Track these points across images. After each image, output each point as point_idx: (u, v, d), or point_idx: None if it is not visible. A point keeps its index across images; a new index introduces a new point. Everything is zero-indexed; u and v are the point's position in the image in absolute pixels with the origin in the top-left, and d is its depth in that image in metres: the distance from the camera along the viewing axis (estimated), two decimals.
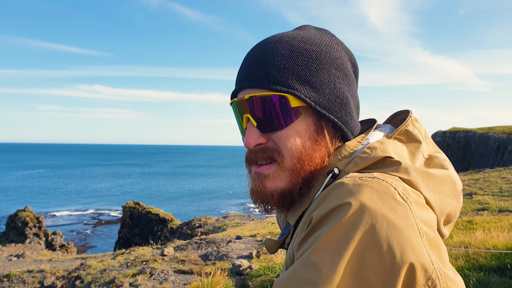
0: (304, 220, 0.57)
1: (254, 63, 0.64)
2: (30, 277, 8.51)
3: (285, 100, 0.61)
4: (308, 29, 0.71)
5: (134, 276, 6.58)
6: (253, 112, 0.63)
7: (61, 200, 48.54)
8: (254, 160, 0.65)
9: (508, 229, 5.87)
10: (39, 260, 10.68)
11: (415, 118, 0.67)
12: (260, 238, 9.28)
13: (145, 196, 50.42)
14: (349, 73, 0.67)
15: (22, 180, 69.06)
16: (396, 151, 0.61)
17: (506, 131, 27.75)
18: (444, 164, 0.65)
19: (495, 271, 4.17)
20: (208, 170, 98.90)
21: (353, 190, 0.51)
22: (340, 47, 0.68)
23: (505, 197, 10.85)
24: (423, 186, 0.58)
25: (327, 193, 0.55)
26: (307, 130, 0.63)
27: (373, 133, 0.66)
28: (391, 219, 0.48)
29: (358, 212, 0.48)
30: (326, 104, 0.63)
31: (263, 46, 0.65)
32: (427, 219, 0.53)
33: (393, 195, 0.51)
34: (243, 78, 0.65)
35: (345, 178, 0.55)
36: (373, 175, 0.54)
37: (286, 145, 0.62)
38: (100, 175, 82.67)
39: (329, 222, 0.50)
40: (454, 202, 0.62)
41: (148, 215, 25.18)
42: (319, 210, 0.52)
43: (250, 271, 5.85)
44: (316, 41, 0.65)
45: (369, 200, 0.49)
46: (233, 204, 46.73)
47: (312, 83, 0.62)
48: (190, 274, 6.51)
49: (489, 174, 17.26)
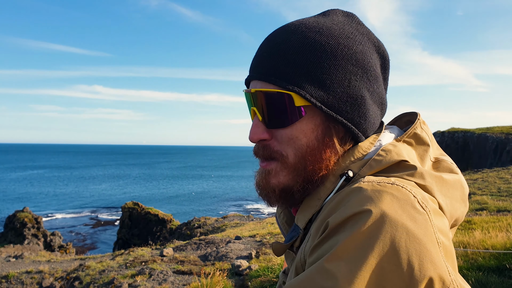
0: (318, 224, 0.54)
1: (265, 53, 0.62)
2: (29, 278, 8.49)
3: (289, 98, 0.59)
4: (333, 15, 0.65)
5: (133, 276, 6.57)
6: (259, 106, 0.62)
7: (60, 201, 48.42)
8: (258, 155, 0.65)
9: (506, 229, 5.89)
10: (37, 261, 10.65)
11: (423, 121, 0.66)
12: (260, 238, 9.27)
13: (144, 197, 50.34)
14: (371, 68, 0.62)
15: (20, 181, 68.86)
16: (408, 154, 0.59)
17: (504, 131, 27.81)
18: (453, 168, 0.64)
19: (494, 271, 4.18)
20: (207, 171, 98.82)
21: (372, 196, 0.49)
22: (366, 37, 0.63)
23: (504, 197, 10.88)
24: (437, 191, 0.57)
25: (343, 197, 0.52)
26: (314, 130, 0.60)
27: (383, 135, 0.64)
28: (411, 229, 0.46)
29: (378, 221, 0.46)
30: (336, 104, 0.59)
31: (278, 35, 0.62)
32: (443, 228, 0.52)
33: (413, 204, 0.49)
34: (254, 67, 0.63)
35: (362, 183, 0.52)
36: (391, 180, 0.52)
37: (289, 144, 0.61)
38: (99, 175, 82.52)
39: (347, 229, 0.48)
40: (462, 207, 0.62)
41: (147, 216, 25.13)
42: (336, 216, 0.50)
43: (249, 271, 5.84)
44: (334, 33, 0.60)
45: (389, 208, 0.47)
46: (232, 204, 46.69)
47: (322, 82, 0.58)
48: (189, 274, 6.51)
49: (487, 174, 17.29)
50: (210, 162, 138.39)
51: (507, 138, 26.08)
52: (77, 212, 42.61)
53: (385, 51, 0.66)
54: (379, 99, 0.65)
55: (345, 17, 0.66)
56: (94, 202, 47.84)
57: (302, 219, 0.62)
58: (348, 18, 0.66)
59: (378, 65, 0.65)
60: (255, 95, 0.62)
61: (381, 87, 0.65)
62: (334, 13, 0.66)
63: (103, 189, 60.50)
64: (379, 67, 0.65)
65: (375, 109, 0.64)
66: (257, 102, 0.62)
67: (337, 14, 0.66)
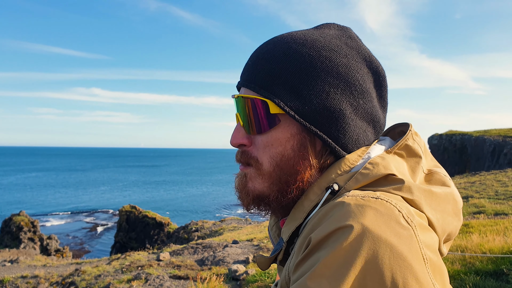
0: (301, 240, 0.53)
1: (250, 62, 0.64)
2: (24, 283, 8.41)
3: (265, 105, 0.60)
4: (325, 28, 0.66)
5: (129, 281, 6.52)
6: (241, 112, 0.63)
7: (57, 204, 48.20)
8: (237, 159, 0.66)
9: (504, 232, 5.88)
10: (33, 265, 10.57)
11: (415, 132, 0.65)
12: (257, 242, 9.24)
13: (142, 200, 50.20)
14: (355, 82, 0.60)
15: (17, 184, 68.55)
16: (397, 167, 0.58)
17: (502, 134, 27.95)
18: (445, 180, 0.63)
19: (491, 275, 4.17)
20: (206, 173, 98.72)
21: (355, 211, 0.48)
22: (355, 51, 0.62)
23: (501, 200, 10.89)
24: (426, 205, 0.55)
25: (326, 212, 0.51)
26: (290, 140, 0.60)
27: (373, 147, 0.63)
28: (395, 245, 0.45)
29: (360, 237, 0.45)
30: (311, 115, 0.59)
31: (265, 45, 0.64)
32: (430, 243, 0.50)
33: (397, 219, 0.48)
34: (241, 75, 0.66)
35: (346, 197, 0.51)
36: (376, 194, 0.51)
37: (265, 151, 0.61)
38: (96, 178, 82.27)
39: (329, 245, 0.46)
40: (455, 221, 0.61)
41: (144, 219, 25.04)
42: (318, 231, 0.49)
43: (246, 276, 5.81)
44: (318, 45, 0.60)
45: (372, 224, 0.46)
46: (230, 207, 46.61)
47: (298, 91, 0.58)
48: (185, 279, 6.46)
49: (485, 177, 17.33)
50: (209, 164, 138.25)
51: (505, 141, 26.20)
52: (74, 215, 42.42)
53: (379, 67, 0.65)
54: (367, 115, 0.63)
55: (337, 31, 0.66)
56: (92, 205, 47.66)
57: (286, 231, 0.60)
58: (341, 31, 0.66)
59: (369, 81, 0.63)
60: (238, 101, 0.64)
61: (371, 103, 0.63)
62: (327, 27, 0.67)
63: (101, 192, 60.29)
64: (369, 83, 0.63)
65: (361, 124, 0.62)
66: (239, 108, 0.64)
67: (330, 28, 0.66)
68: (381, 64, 0.66)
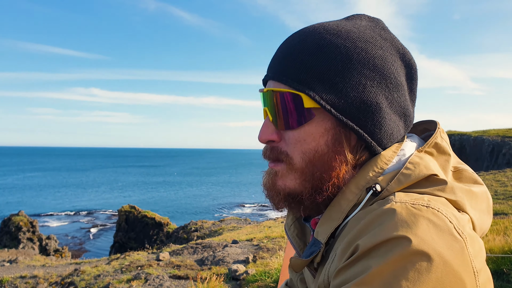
0: (345, 245, 0.51)
1: (280, 54, 0.61)
2: (23, 283, 8.39)
3: (299, 99, 0.57)
4: (357, 19, 0.63)
5: (129, 281, 6.51)
6: (270, 106, 0.60)
7: (56, 204, 48.13)
8: (266, 156, 0.63)
9: (504, 232, 5.89)
10: (32, 265, 10.54)
11: (442, 130, 0.64)
12: (257, 242, 9.24)
13: (141, 200, 50.17)
14: (391, 75, 0.59)
15: (16, 184, 68.44)
16: (434, 166, 0.57)
17: (500, 134, 28.00)
18: (476, 178, 0.62)
19: (492, 275, 4.16)
20: (205, 173, 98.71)
21: (408, 221, 0.46)
22: (389, 43, 0.61)
23: (500, 200, 10.91)
24: (469, 206, 0.55)
25: (374, 218, 0.49)
26: (324, 135, 0.58)
27: (406, 144, 0.61)
28: (448, 259, 0.44)
29: (415, 249, 0.44)
30: (347, 109, 0.56)
31: (295, 37, 0.61)
32: (479, 252, 0.50)
33: (450, 230, 0.47)
34: (270, 68, 0.62)
35: (395, 203, 0.50)
36: (425, 201, 0.50)
37: (296, 147, 0.59)
38: (95, 178, 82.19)
39: (380, 255, 0.45)
40: (488, 219, 0.61)
41: (144, 219, 25.02)
42: (367, 239, 0.47)
43: (246, 276, 5.80)
44: (353, 36, 0.58)
45: (426, 236, 0.45)
46: (230, 207, 46.61)
47: (334, 84, 0.56)
48: (185, 279, 6.45)
49: (484, 177, 17.35)
50: (208, 164, 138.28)
51: (503, 141, 26.25)
52: (73, 215, 42.36)
53: (411, 59, 0.63)
54: (400, 109, 0.61)
55: (369, 22, 0.64)
56: (91, 205, 47.60)
57: (323, 232, 0.58)
58: (372, 22, 0.64)
59: (402, 74, 0.61)
60: (266, 95, 0.61)
61: (404, 97, 0.61)
62: (359, 18, 0.64)
63: (100, 192, 60.23)
64: (402, 76, 0.61)
65: (395, 119, 0.60)
66: (268, 102, 0.61)
67: (361, 19, 0.64)
68: (413, 56, 0.64)
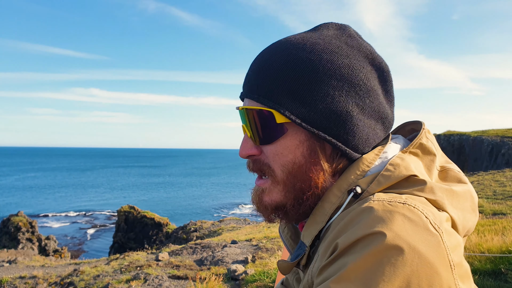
0: (326, 245, 0.53)
1: (251, 72, 0.63)
2: (22, 283, 8.39)
3: (271, 115, 0.59)
4: (324, 29, 0.65)
5: (128, 282, 6.51)
6: (246, 123, 0.63)
7: (56, 204, 48.07)
8: (250, 168, 0.66)
9: (502, 232, 5.90)
10: (31, 266, 10.54)
11: (428, 130, 0.65)
12: (256, 242, 9.24)
13: (141, 200, 50.13)
14: (360, 81, 0.60)
15: (15, 184, 68.32)
16: (416, 167, 0.58)
17: (500, 134, 28.04)
18: (461, 177, 0.63)
19: (490, 274, 4.18)
20: (205, 174, 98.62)
21: (383, 217, 0.48)
22: (356, 50, 0.62)
23: (499, 200, 10.92)
24: (448, 205, 0.56)
25: (353, 217, 0.51)
26: (299, 146, 0.60)
27: (389, 146, 0.63)
28: (423, 253, 0.46)
29: (390, 244, 0.45)
30: (318, 120, 0.58)
31: (264, 53, 0.63)
32: (456, 247, 0.51)
33: (425, 225, 0.48)
34: (243, 85, 0.65)
35: (372, 202, 0.51)
36: (402, 198, 0.51)
37: (275, 160, 0.61)
38: (95, 178, 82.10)
39: (357, 251, 0.47)
40: (473, 217, 0.61)
41: (143, 219, 25.01)
42: (346, 237, 0.49)
43: (245, 276, 5.81)
44: (318, 48, 0.59)
45: (401, 230, 0.46)
46: (229, 208, 46.59)
47: (302, 98, 0.58)
48: (184, 279, 6.46)
49: (483, 177, 17.37)
50: (208, 164, 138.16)
51: (502, 141, 26.28)
52: (73, 215, 42.32)
53: (381, 62, 0.64)
54: (375, 113, 0.62)
55: (335, 31, 0.65)
56: (90, 206, 47.55)
57: (308, 235, 0.60)
58: (339, 31, 0.65)
59: (373, 78, 0.63)
60: (242, 113, 0.64)
61: (378, 101, 0.63)
62: (326, 27, 0.65)
63: (99, 192, 60.16)
64: (374, 80, 0.63)
65: (370, 123, 0.62)
66: (244, 119, 0.64)
67: (328, 28, 0.65)
68: (383, 59, 0.65)
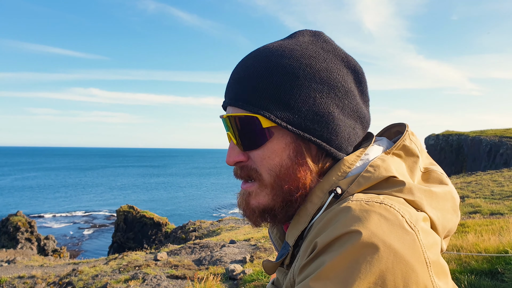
0: (307, 244, 0.54)
1: (232, 81, 0.65)
2: (21, 283, 8.39)
3: (256, 120, 0.61)
4: (299, 36, 0.67)
5: (127, 281, 6.52)
6: (231, 131, 0.64)
7: (55, 204, 47.99)
8: (237, 175, 0.67)
9: (499, 232, 5.92)
10: (30, 265, 10.53)
11: (411, 132, 0.67)
12: (254, 242, 9.25)
13: (140, 200, 50.08)
14: (338, 83, 0.62)
15: (15, 184, 68.19)
16: (397, 168, 0.60)
17: (498, 135, 28.10)
18: (443, 178, 0.65)
19: (487, 274, 4.20)
20: (204, 173, 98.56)
21: (360, 216, 0.49)
22: (332, 54, 0.64)
23: (497, 200, 10.94)
24: (427, 205, 0.57)
25: (331, 217, 0.53)
26: (285, 149, 0.62)
27: (372, 148, 0.64)
28: (398, 250, 0.47)
29: (365, 242, 0.47)
30: (302, 123, 0.60)
31: (243, 62, 0.65)
32: (433, 245, 0.52)
33: (401, 224, 0.49)
34: (226, 94, 0.66)
35: (351, 202, 0.53)
36: (380, 199, 0.53)
37: (262, 164, 0.62)
38: (94, 178, 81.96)
39: (334, 249, 0.48)
40: (454, 217, 0.63)
41: (142, 219, 24.99)
42: (324, 236, 0.50)
43: (243, 276, 5.82)
44: (296, 54, 0.62)
45: (377, 229, 0.48)
46: (228, 207, 46.58)
47: (286, 102, 0.60)
48: (183, 279, 6.47)
49: (481, 177, 17.40)
50: (207, 164, 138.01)
51: (501, 141, 26.32)
52: (72, 215, 42.26)
53: (356, 64, 0.67)
54: (353, 113, 0.65)
55: (311, 37, 0.68)
56: (89, 206, 47.50)
57: (292, 236, 0.62)
58: (314, 37, 0.68)
59: (349, 80, 0.65)
60: (226, 120, 0.65)
61: (355, 101, 0.65)
62: (301, 34, 0.68)
63: (98, 192, 60.08)
64: (350, 82, 0.65)
65: (350, 123, 0.64)
66: (229, 127, 0.65)
67: (304, 35, 0.68)
68: (357, 61, 0.68)
